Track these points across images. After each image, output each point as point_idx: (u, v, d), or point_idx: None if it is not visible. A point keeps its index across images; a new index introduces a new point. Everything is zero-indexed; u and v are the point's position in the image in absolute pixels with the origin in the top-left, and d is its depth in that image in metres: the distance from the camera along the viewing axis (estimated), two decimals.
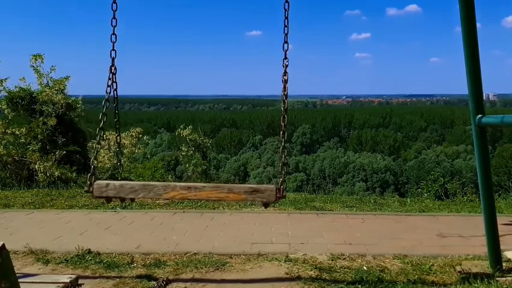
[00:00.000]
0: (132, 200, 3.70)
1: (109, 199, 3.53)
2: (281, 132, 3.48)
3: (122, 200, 3.71)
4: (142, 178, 11.19)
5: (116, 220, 6.26)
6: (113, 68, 3.78)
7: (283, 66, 3.59)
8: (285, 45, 3.62)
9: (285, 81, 3.58)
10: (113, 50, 3.76)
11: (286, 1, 3.63)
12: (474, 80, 3.90)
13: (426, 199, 8.57)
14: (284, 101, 3.56)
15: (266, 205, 3.42)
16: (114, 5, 3.73)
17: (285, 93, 3.57)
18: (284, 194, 3.30)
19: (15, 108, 11.47)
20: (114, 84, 3.81)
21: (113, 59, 3.77)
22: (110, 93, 3.77)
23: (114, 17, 3.76)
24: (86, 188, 3.54)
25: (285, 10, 3.65)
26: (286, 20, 3.65)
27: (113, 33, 3.76)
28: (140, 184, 3.34)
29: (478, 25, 3.89)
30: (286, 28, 3.62)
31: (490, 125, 4.07)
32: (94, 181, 3.45)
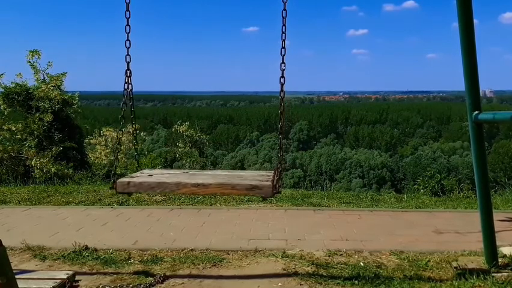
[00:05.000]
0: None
1: (130, 194, 3.97)
2: (279, 128, 3.79)
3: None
4: None
5: (113, 216, 6.26)
6: (128, 72, 3.95)
7: (281, 70, 3.68)
8: (282, 50, 3.68)
9: (282, 85, 3.68)
10: (127, 55, 3.91)
11: (284, 9, 3.66)
12: (471, 76, 3.90)
13: (423, 195, 8.59)
14: (281, 105, 3.73)
15: (264, 198, 4.10)
16: (127, 12, 3.83)
17: (282, 96, 3.70)
18: (280, 190, 3.62)
19: (11, 104, 11.43)
20: (130, 86, 4.01)
21: (128, 64, 3.92)
22: (126, 96, 3.99)
23: (128, 24, 3.87)
24: (110, 185, 3.83)
25: (283, 18, 3.68)
26: (284, 27, 3.69)
27: (128, 39, 3.89)
28: (157, 182, 3.62)
29: (475, 21, 3.90)
30: (284, 35, 3.68)
31: (486, 121, 4.08)
32: (117, 179, 3.73)
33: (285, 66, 3.69)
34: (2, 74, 11.58)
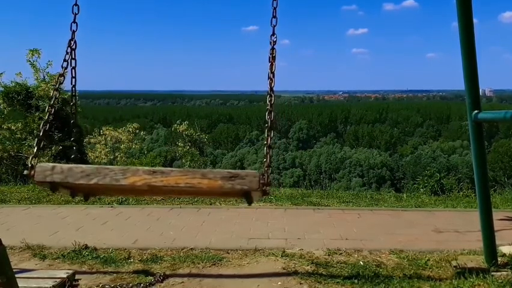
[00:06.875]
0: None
1: (54, 186, 2.95)
2: (267, 113, 3.09)
3: (73, 192, 3.13)
4: None
5: (112, 215, 6.26)
6: (72, 42, 3.43)
7: (270, 43, 3.30)
8: (273, 20, 3.34)
9: (273, 59, 3.27)
10: (74, 22, 3.42)
11: None
12: (471, 75, 3.90)
13: (423, 194, 8.60)
14: (272, 79, 3.22)
15: (249, 198, 2.93)
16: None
17: (273, 71, 3.24)
18: (269, 181, 2.78)
19: (11, 103, 11.42)
20: (73, 61, 3.47)
21: (73, 32, 3.43)
22: (66, 68, 3.41)
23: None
24: (26, 172, 2.85)
25: None
26: None
27: (76, 4, 3.44)
28: (94, 168, 2.87)
29: (475, 21, 3.89)
30: (275, 2, 3.36)
31: (486, 120, 4.08)
32: (37, 163, 2.88)
33: (276, 38, 3.28)
34: (1, 73, 11.60)
